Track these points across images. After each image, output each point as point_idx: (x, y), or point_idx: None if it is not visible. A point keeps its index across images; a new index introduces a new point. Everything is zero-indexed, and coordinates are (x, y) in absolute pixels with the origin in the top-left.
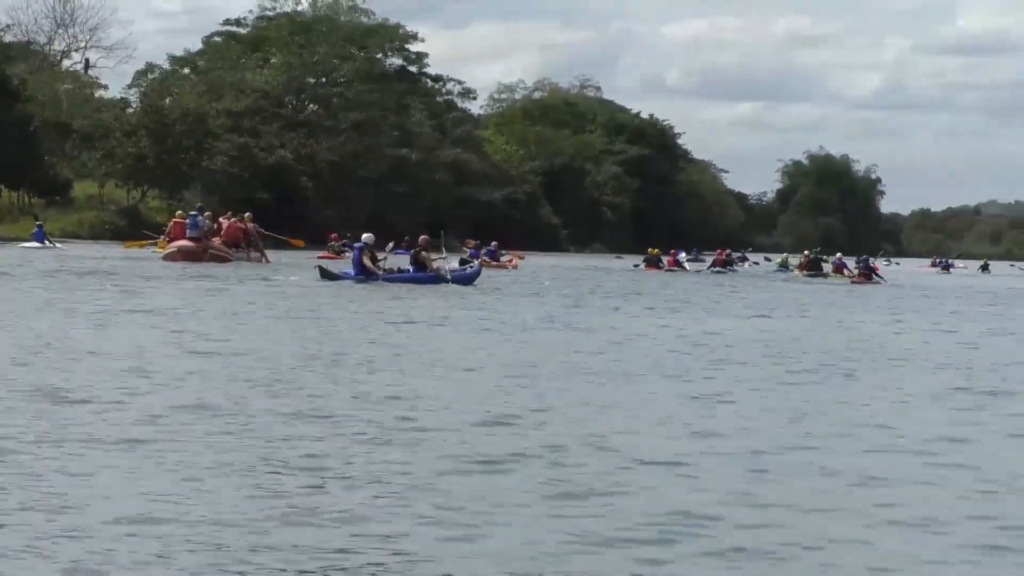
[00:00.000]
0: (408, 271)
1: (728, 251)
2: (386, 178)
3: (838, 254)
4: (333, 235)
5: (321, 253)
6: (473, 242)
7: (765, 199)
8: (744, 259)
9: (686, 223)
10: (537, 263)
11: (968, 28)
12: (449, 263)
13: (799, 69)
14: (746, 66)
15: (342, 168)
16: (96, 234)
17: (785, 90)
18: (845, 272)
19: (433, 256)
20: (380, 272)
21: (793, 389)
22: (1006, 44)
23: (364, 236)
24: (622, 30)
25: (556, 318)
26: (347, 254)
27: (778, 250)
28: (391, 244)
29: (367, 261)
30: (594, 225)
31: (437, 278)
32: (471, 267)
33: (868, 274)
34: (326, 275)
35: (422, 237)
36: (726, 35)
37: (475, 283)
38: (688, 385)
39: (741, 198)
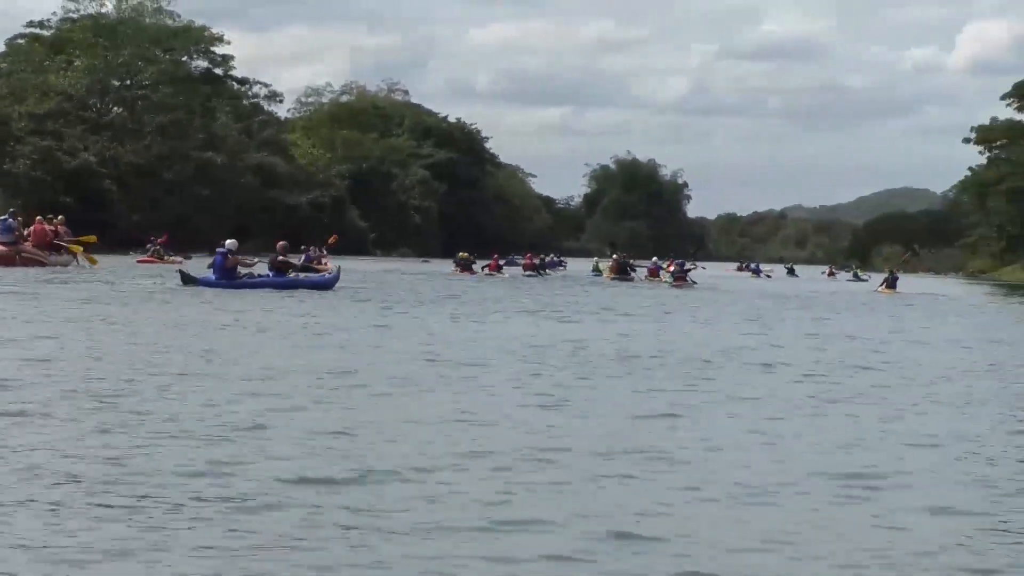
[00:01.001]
0: (267, 276)
1: (542, 256)
2: (192, 181)
3: (654, 258)
4: (161, 239)
5: (141, 257)
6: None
7: (573, 203)
8: (561, 263)
9: (493, 227)
10: (348, 268)
11: (773, 34)
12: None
13: (606, 74)
14: (554, 71)
15: (147, 171)
16: None
17: (592, 95)
18: (660, 276)
19: (249, 261)
20: (242, 277)
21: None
22: (810, 50)
23: (228, 242)
24: (430, 34)
25: (393, 323)
26: (173, 257)
27: (586, 254)
28: (255, 259)
29: (229, 266)
30: (401, 229)
31: (296, 283)
32: (330, 272)
33: (683, 277)
34: (187, 280)
35: (280, 243)
36: (534, 40)
37: (334, 288)
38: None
39: (549, 202)
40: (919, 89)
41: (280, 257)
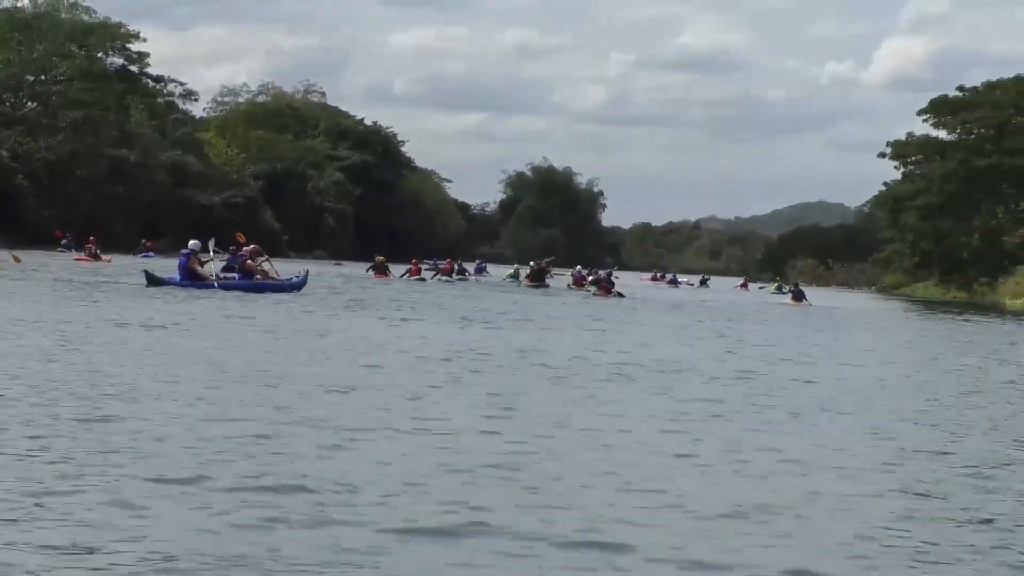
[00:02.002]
0: (234, 278)
1: (460, 261)
2: (105, 178)
3: (577, 266)
4: (91, 238)
5: (77, 255)
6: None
7: (488, 209)
8: (483, 269)
9: (407, 231)
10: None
11: (691, 45)
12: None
13: (525, 81)
14: (472, 76)
15: (60, 167)
16: None
17: (510, 101)
18: (585, 285)
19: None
20: (211, 278)
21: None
22: (728, 61)
23: (191, 243)
24: (349, 37)
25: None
26: (106, 257)
27: (500, 260)
28: (215, 256)
29: (195, 267)
30: (315, 231)
31: (263, 286)
32: (298, 276)
33: (609, 288)
34: (152, 281)
35: (252, 246)
36: (453, 45)
37: (302, 291)
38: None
39: (464, 207)
40: (835, 104)
41: (249, 261)
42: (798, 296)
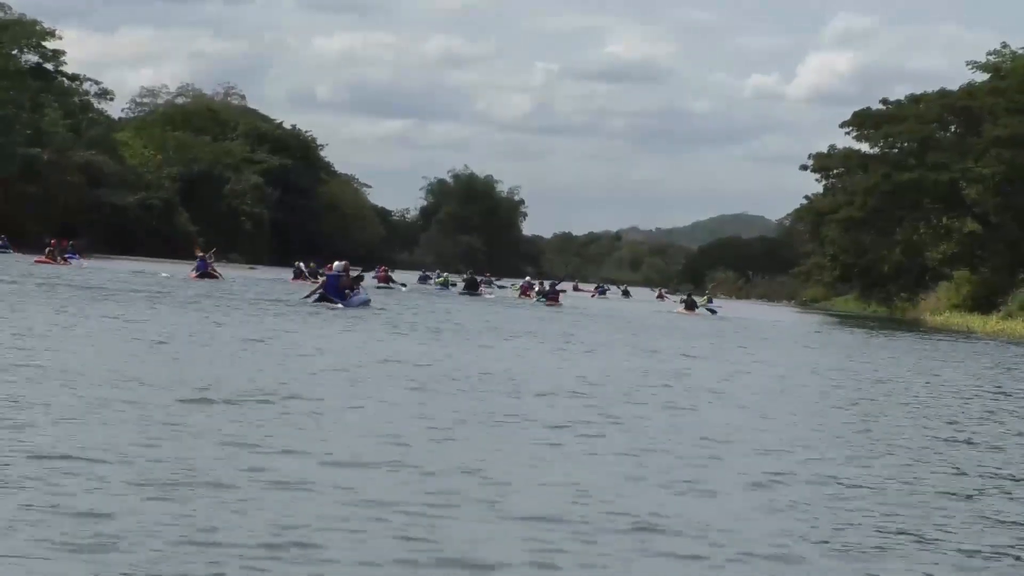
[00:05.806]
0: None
1: (386, 268)
2: (17, 178)
3: (527, 277)
4: (52, 240)
5: (38, 257)
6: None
7: (408, 216)
8: (427, 278)
9: (325, 235)
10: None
11: (616, 55)
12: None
13: (449, 88)
14: (396, 83)
15: None
16: None
17: (435, 109)
18: (530, 294)
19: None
20: (349, 296)
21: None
22: (653, 72)
23: (336, 264)
24: (274, 41)
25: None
26: (76, 260)
27: (420, 267)
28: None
29: (343, 287)
30: (232, 234)
31: (365, 301)
32: (363, 291)
33: (556, 297)
34: (322, 298)
35: (344, 262)
36: (378, 52)
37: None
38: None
39: (384, 213)
40: (759, 116)
41: (353, 275)
42: (691, 305)
